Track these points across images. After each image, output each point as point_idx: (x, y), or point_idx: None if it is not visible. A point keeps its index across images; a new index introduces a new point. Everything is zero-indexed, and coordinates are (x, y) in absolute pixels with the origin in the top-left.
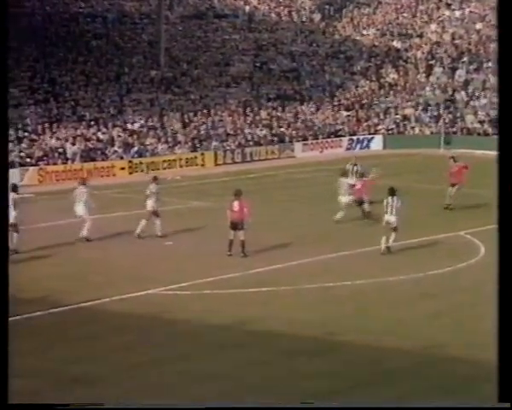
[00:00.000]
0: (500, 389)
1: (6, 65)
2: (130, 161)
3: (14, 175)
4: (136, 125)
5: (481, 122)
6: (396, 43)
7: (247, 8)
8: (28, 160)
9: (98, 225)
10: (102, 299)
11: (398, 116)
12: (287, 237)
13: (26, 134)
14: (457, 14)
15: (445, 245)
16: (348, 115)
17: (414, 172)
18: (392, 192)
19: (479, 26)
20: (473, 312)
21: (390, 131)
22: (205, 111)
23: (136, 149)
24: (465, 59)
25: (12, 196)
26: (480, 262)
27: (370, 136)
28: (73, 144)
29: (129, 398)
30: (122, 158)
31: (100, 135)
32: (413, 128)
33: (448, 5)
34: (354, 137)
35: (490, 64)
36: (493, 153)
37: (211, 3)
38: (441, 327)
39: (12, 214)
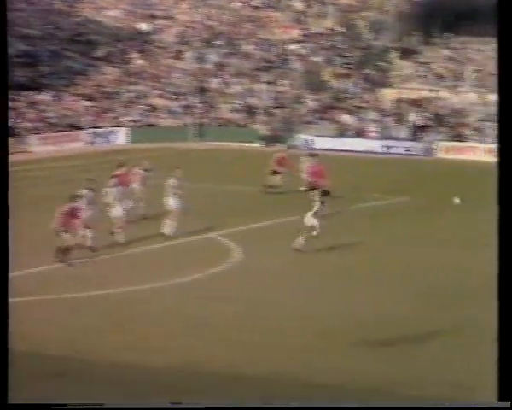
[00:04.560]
0: (500, 389)
1: (6, 64)
2: None
3: None
4: None
5: (237, 111)
6: (143, 26)
7: None
8: None
9: None
10: None
11: (144, 106)
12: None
13: None
14: None
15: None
16: (89, 105)
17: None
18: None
19: (234, 5)
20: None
21: (136, 123)
22: None
23: None
24: (218, 42)
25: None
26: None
27: (114, 128)
28: None
29: None
30: None
31: None
32: (162, 119)
33: None
34: (95, 130)
35: (246, 47)
36: (251, 145)
37: None
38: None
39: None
